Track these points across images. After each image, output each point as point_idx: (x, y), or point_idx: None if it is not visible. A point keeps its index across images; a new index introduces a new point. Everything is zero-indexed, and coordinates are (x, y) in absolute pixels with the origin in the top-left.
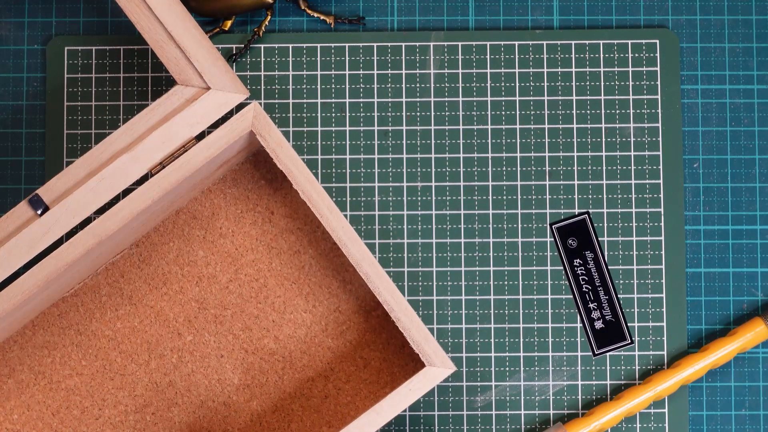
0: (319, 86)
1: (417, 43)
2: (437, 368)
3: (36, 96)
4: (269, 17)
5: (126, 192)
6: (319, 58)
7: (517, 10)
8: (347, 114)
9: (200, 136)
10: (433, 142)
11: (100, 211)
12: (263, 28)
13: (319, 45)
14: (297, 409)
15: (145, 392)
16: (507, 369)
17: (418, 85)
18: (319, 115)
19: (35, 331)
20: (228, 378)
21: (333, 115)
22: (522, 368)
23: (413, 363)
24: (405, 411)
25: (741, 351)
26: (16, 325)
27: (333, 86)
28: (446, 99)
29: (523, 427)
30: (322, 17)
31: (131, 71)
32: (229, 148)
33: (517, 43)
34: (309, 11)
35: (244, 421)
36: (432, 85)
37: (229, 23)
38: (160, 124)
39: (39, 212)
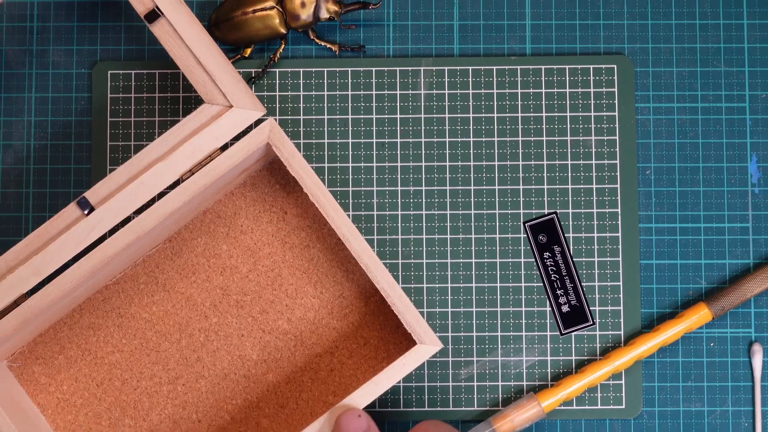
0: (325, 104)
1: (409, 68)
2: (427, 346)
3: (83, 113)
4: (283, 46)
5: (161, 195)
6: (325, 81)
7: (495, 39)
8: (350, 128)
9: (224, 147)
10: (423, 152)
11: (139, 211)
12: (278, 55)
13: (325, 69)
14: (307, 380)
15: (176, 366)
16: (487, 346)
17: (410, 103)
18: (325, 129)
19: (82, 314)
20: (248, 354)
21: (337, 129)
22: (500, 346)
23: (406, 341)
24: (399, 382)
25: (687, 331)
26: (66, 308)
27: (338, 105)
28: (434, 115)
29: (500, 396)
30: (328, 46)
31: (165, 92)
32: (248, 158)
33: (495, 67)
34: (317, 40)
35: (261, 391)
36: (422, 104)
37: (248, 51)
38: (189, 137)
39: (86, 212)
